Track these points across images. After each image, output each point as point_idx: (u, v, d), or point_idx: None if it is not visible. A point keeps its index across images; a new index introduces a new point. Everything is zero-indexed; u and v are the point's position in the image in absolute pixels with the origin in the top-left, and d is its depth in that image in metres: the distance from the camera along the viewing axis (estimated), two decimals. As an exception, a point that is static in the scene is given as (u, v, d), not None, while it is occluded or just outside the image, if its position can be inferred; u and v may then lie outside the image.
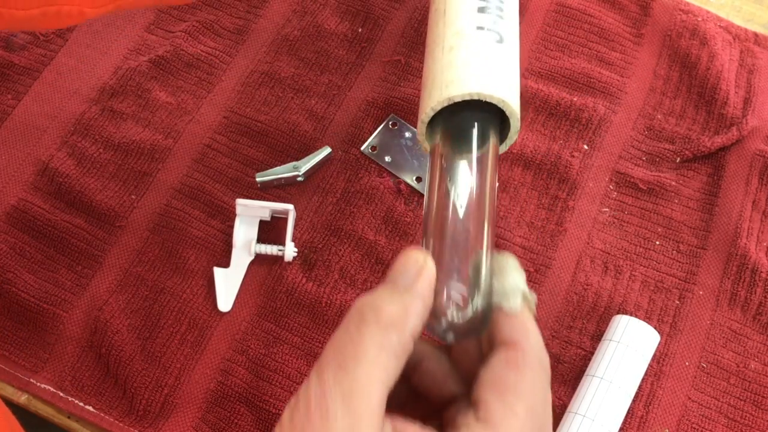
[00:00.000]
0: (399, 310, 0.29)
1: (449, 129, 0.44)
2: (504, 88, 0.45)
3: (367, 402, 0.27)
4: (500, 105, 0.44)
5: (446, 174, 0.41)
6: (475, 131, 0.44)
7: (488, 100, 0.44)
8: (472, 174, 0.41)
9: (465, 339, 0.33)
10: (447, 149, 0.43)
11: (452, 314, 0.33)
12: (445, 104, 0.44)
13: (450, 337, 0.33)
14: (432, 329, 0.33)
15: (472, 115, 0.44)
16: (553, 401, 0.53)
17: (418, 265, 0.31)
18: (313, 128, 0.61)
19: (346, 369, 0.27)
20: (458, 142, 0.43)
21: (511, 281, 0.33)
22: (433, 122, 0.46)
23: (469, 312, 0.33)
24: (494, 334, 0.32)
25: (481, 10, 0.47)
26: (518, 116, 0.45)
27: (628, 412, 0.52)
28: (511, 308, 0.32)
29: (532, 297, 0.33)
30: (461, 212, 0.38)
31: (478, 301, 0.33)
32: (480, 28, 0.46)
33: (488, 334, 0.32)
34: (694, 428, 0.52)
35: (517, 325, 0.31)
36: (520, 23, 0.66)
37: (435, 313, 0.32)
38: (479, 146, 0.43)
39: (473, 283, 0.34)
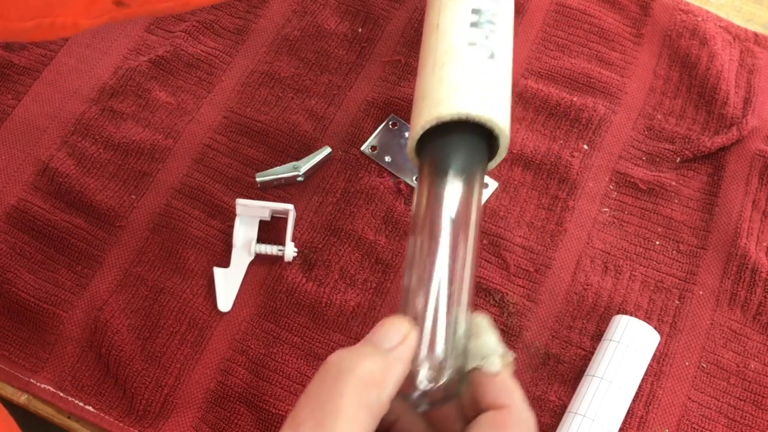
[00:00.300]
0: (380, 368, 0.29)
1: (438, 148, 0.44)
2: (494, 107, 0.45)
3: None
4: (489, 124, 0.44)
5: (433, 192, 0.41)
6: (463, 152, 0.44)
7: (477, 120, 0.44)
8: (459, 193, 0.41)
9: (439, 406, 0.33)
10: (434, 167, 0.43)
11: (426, 384, 0.32)
12: (434, 123, 0.44)
13: (424, 405, 0.32)
14: (405, 398, 0.32)
15: (461, 136, 0.44)
16: (553, 401, 0.53)
17: (402, 333, 0.31)
18: (313, 128, 0.61)
19: (323, 427, 0.27)
20: (446, 161, 0.43)
21: (488, 343, 0.33)
22: (424, 139, 0.46)
23: (443, 380, 0.32)
24: (478, 397, 0.31)
25: (474, 24, 0.47)
26: (507, 134, 0.45)
27: (628, 412, 0.52)
28: (492, 370, 0.32)
29: (509, 356, 0.33)
30: (446, 238, 0.38)
31: (452, 368, 0.33)
32: (472, 44, 0.46)
33: (471, 396, 0.32)
34: (694, 428, 0.52)
35: (500, 387, 0.31)
36: (520, 23, 0.66)
37: (409, 382, 0.32)
38: (468, 165, 0.43)
39: (448, 348, 0.33)
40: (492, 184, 0.59)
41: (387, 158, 0.60)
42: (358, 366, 0.28)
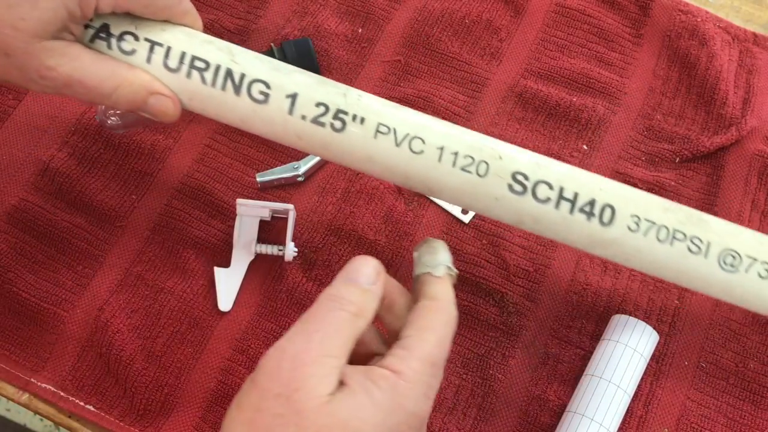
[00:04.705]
0: (366, 304, 0.37)
1: None
2: None
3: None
4: None
5: None
6: None
7: None
8: None
9: None
10: None
11: None
12: None
13: None
14: None
15: None
16: (553, 400, 0.53)
17: (377, 270, 0.39)
18: (313, 128, 0.61)
19: (322, 342, 0.35)
20: None
21: (439, 258, 0.42)
22: None
23: None
24: (419, 295, 0.41)
25: None
26: None
27: (627, 412, 0.52)
28: (436, 274, 0.41)
29: (454, 271, 0.42)
30: None
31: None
32: None
33: (415, 295, 0.41)
34: (693, 428, 0.53)
35: (438, 287, 0.40)
36: (520, 24, 0.66)
37: None
38: None
39: None
40: (492, 184, 0.60)
41: (387, 158, 0.60)
42: (348, 297, 0.37)
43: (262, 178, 0.58)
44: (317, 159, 0.59)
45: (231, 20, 0.65)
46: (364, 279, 0.38)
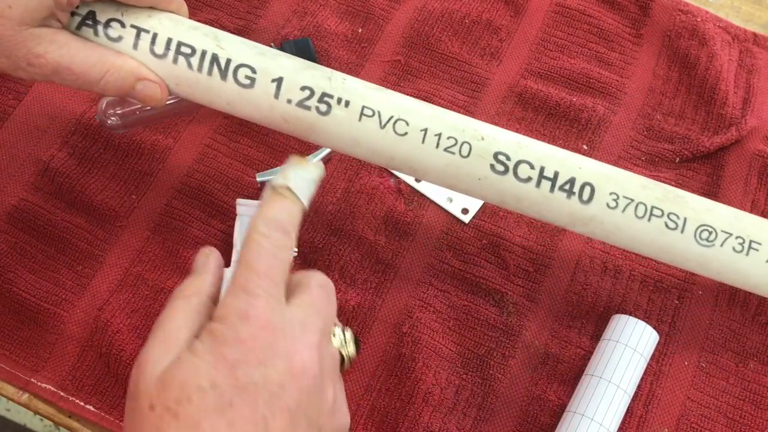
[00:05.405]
0: (196, 284, 0.38)
1: None
2: None
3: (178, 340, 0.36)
4: None
5: None
6: None
7: None
8: None
9: None
10: None
11: None
12: None
13: None
14: None
15: None
16: (553, 400, 0.53)
17: (205, 254, 0.40)
18: (313, 128, 0.61)
19: (163, 325, 0.36)
20: None
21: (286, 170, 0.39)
22: None
23: None
24: None
25: None
26: None
27: (627, 412, 0.52)
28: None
29: (284, 185, 0.38)
30: None
31: None
32: None
33: None
34: (694, 428, 0.53)
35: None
36: (520, 23, 0.66)
37: None
38: None
39: None
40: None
41: (387, 158, 0.60)
42: (181, 289, 0.38)
43: (262, 178, 0.58)
44: (317, 159, 0.59)
45: (231, 20, 0.65)
46: (198, 267, 0.39)
